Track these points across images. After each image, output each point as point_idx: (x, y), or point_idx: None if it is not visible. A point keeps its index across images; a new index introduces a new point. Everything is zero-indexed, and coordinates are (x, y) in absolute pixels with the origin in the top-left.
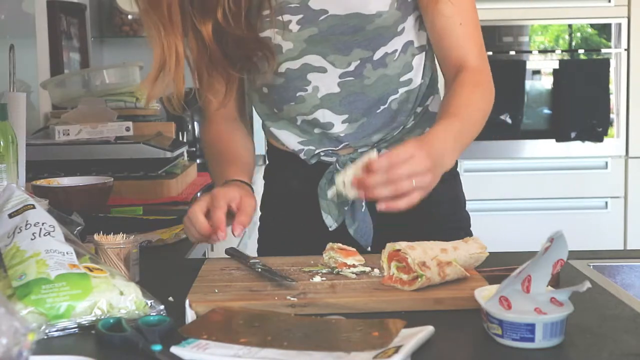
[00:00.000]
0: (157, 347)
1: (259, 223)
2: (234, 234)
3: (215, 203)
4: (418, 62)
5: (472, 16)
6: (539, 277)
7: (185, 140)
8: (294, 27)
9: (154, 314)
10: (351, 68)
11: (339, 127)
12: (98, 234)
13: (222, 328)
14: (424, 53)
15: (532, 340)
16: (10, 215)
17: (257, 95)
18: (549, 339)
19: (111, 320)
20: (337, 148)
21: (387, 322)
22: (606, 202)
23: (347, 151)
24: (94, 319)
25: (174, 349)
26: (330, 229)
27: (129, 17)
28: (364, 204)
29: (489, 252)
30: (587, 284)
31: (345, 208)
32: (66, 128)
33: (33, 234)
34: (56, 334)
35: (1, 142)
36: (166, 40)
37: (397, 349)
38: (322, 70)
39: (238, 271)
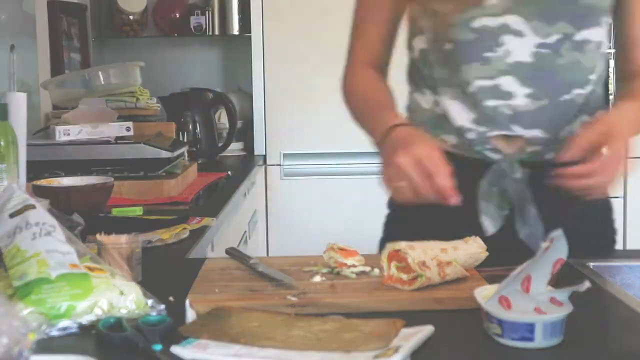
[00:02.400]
0: (158, 347)
1: (385, 226)
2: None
3: (432, 168)
4: (600, 70)
5: None
6: (538, 277)
7: (185, 140)
8: None
9: (154, 313)
10: (551, 40)
11: (520, 99)
12: (100, 234)
13: (222, 328)
14: (604, 63)
15: (531, 340)
16: (11, 215)
17: (434, 54)
18: (548, 339)
19: (111, 320)
20: (512, 133)
21: (387, 322)
22: None
23: (515, 147)
24: (94, 318)
25: (174, 349)
26: (487, 234)
27: (130, 17)
28: (533, 206)
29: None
30: (587, 284)
31: (504, 212)
32: (66, 128)
33: (33, 234)
34: (56, 333)
35: (1, 142)
36: None
37: (397, 349)
38: (520, 34)
39: (238, 271)
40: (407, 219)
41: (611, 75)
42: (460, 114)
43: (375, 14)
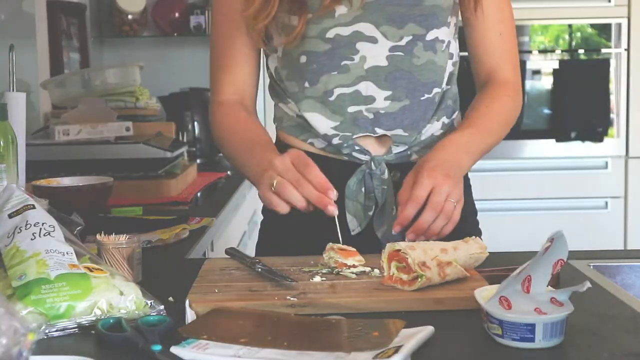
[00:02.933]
0: (157, 347)
1: (259, 226)
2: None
3: (306, 161)
4: (450, 70)
5: (511, 30)
6: (539, 277)
7: (185, 140)
8: None
9: (154, 314)
10: (402, 43)
11: (381, 102)
12: (100, 234)
13: (222, 328)
14: (453, 65)
15: (532, 340)
16: (10, 216)
17: (287, 70)
18: (549, 339)
19: (111, 321)
20: (375, 135)
21: (387, 322)
22: (606, 202)
23: (382, 149)
24: (93, 319)
25: (174, 349)
26: (352, 233)
27: (129, 17)
28: (395, 207)
29: (489, 252)
30: (587, 284)
31: (369, 212)
32: (66, 128)
33: (33, 234)
34: (56, 334)
35: (1, 142)
36: None
37: (397, 349)
38: (373, 40)
39: (238, 271)
40: (279, 223)
41: (611, 74)
42: (321, 123)
43: (244, 48)
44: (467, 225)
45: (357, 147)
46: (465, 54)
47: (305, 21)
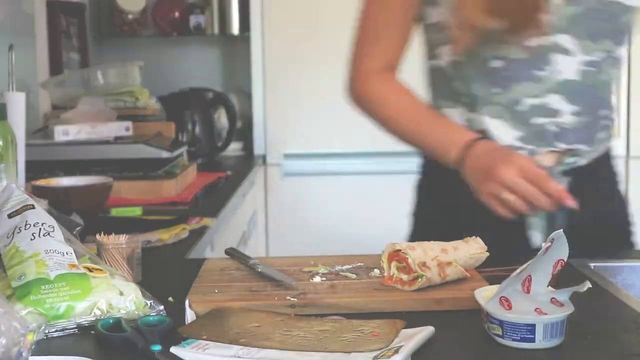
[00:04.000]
0: (157, 348)
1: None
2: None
3: (538, 174)
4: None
5: None
6: (539, 278)
7: (184, 140)
8: (558, 0)
9: (154, 314)
10: (595, 58)
11: (567, 117)
12: (99, 234)
13: (222, 328)
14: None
15: (532, 340)
16: (10, 216)
17: (474, 71)
18: (549, 340)
19: (111, 321)
20: (558, 149)
21: (387, 322)
22: None
23: (553, 159)
24: (93, 319)
25: (174, 349)
26: (535, 246)
27: (129, 16)
28: (564, 216)
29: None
30: (588, 284)
31: (555, 226)
32: (66, 128)
33: (32, 234)
34: (56, 334)
35: (1, 142)
36: None
37: (397, 349)
38: (568, 52)
39: (238, 271)
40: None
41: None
42: (504, 133)
43: (400, 16)
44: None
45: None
46: None
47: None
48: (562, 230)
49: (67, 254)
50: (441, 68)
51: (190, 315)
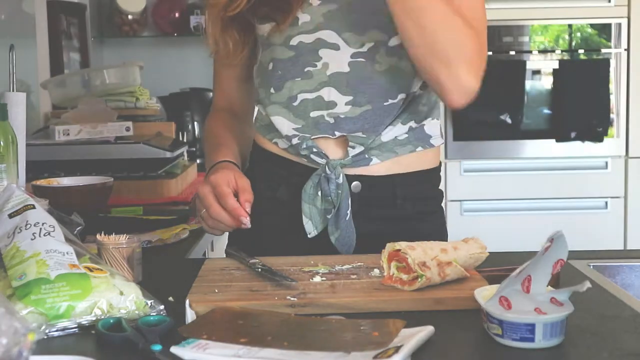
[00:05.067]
0: (157, 347)
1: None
2: (246, 211)
3: (220, 191)
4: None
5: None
6: (539, 277)
7: (185, 140)
8: (314, 1)
9: (154, 314)
10: (364, 49)
11: (342, 107)
12: (100, 234)
13: (222, 328)
14: None
15: (532, 340)
16: (10, 216)
17: (259, 77)
18: (549, 339)
19: (111, 320)
20: (334, 137)
21: (387, 322)
22: (606, 202)
23: (339, 153)
24: (94, 319)
25: (174, 349)
26: (309, 236)
27: (129, 17)
28: (349, 212)
29: (489, 252)
30: (587, 284)
31: (328, 216)
32: (66, 128)
33: (33, 234)
34: (56, 334)
35: (1, 142)
36: None
37: (397, 349)
38: (335, 47)
39: (238, 271)
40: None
41: (611, 74)
42: (284, 125)
43: (228, 69)
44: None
45: (315, 150)
46: None
47: (272, 30)
48: (560, 230)
49: (67, 253)
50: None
51: (190, 315)
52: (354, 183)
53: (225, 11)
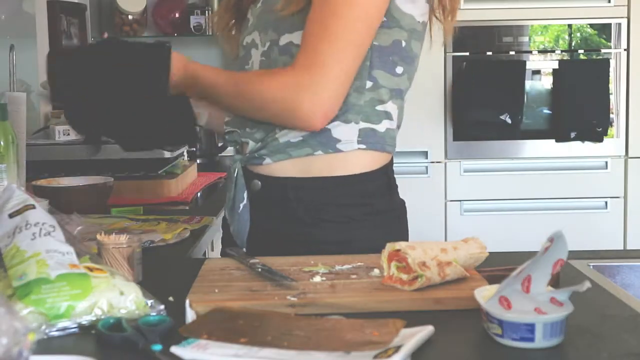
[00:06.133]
0: (157, 347)
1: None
2: None
3: None
4: None
5: (320, 27)
6: (539, 277)
7: None
8: (257, 2)
9: (154, 314)
10: (265, 48)
11: None
12: (100, 234)
13: (222, 328)
14: None
15: (532, 340)
16: (11, 216)
17: None
18: (548, 339)
19: (111, 320)
20: (225, 130)
21: (387, 322)
22: (606, 202)
23: (245, 150)
24: (94, 319)
25: (174, 349)
26: (231, 229)
27: (129, 17)
28: (241, 205)
29: (489, 252)
30: (587, 284)
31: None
32: (66, 128)
33: (33, 234)
34: (56, 334)
35: (1, 142)
36: None
37: (397, 349)
38: (256, 47)
39: (238, 271)
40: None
41: (611, 74)
42: (222, 118)
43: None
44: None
45: (236, 142)
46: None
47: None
48: (560, 230)
49: (67, 253)
50: None
51: (190, 315)
52: (254, 181)
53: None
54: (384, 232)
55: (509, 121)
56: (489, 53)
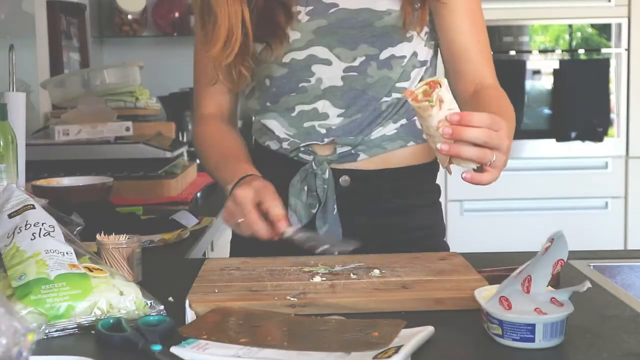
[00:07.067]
0: (157, 347)
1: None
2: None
3: (269, 198)
4: (415, 74)
5: (485, 35)
6: (539, 277)
7: (185, 140)
8: (303, 17)
9: (154, 314)
10: (356, 63)
11: (334, 119)
12: (100, 234)
13: (222, 328)
14: (423, 68)
15: (532, 340)
16: (10, 216)
17: (256, 91)
18: (549, 339)
19: (111, 320)
20: (322, 143)
21: (387, 322)
22: (606, 202)
23: (327, 151)
24: (93, 319)
25: (174, 349)
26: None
27: (129, 17)
28: (335, 207)
29: (489, 252)
30: (587, 284)
31: (313, 211)
32: (66, 128)
33: (33, 234)
34: (56, 334)
35: (1, 142)
36: (232, 7)
37: (397, 349)
38: (327, 62)
39: (238, 271)
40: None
41: (611, 74)
42: (277, 128)
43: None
44: (434, 245)
45: (302, 148)
46: None
47: (264, 49)
48: (560, 230)
49: (67, 253)
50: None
51: (190, 315)
52: (343, 177)
53: (222, 58)
54: (441, 214)
55: None
56: None
